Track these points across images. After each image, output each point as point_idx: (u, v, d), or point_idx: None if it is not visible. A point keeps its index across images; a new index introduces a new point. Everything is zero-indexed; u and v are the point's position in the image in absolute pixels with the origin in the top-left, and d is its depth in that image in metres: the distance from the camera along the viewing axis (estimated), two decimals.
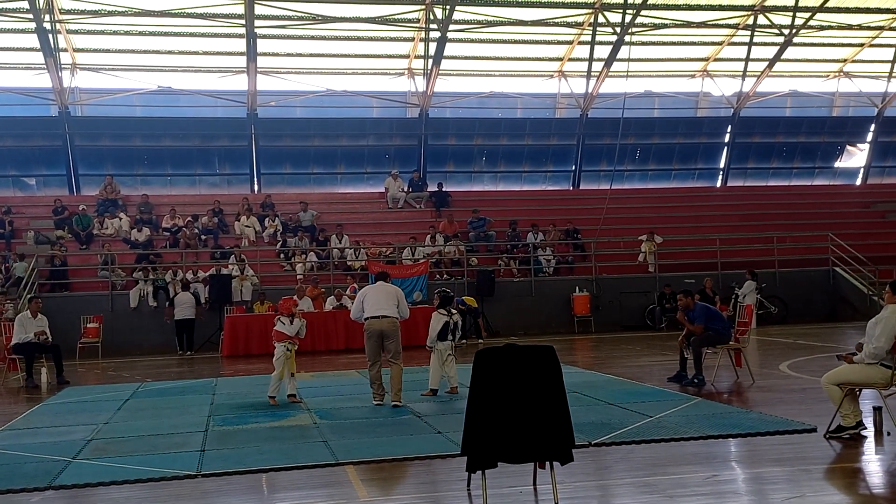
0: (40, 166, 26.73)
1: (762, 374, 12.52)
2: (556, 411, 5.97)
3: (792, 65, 29.51)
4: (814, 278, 23.66)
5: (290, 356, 11.11)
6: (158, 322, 20.43)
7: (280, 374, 11.07)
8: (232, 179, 27.32)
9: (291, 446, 8.35)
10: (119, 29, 24.32)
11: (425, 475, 7.29)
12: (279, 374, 11.07)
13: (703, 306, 12.34)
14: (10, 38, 24.20)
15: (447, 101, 28.42)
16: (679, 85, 30.19)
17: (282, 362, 11.05)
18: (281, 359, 11.05)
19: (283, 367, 11.06)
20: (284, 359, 11.05)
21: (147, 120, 26.67)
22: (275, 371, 11.10)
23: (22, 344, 14.59)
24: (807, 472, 6.90)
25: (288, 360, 11.10)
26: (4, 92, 25.86)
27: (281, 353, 11.07)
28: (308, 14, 24.10)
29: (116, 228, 23.52)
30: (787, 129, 30.92)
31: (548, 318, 22.26)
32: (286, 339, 11.13)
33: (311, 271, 22.29)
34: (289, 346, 11.10)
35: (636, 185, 30.25)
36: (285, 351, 11.07)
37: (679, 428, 8.54)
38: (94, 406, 11.59)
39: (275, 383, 11.08)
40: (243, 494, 6.84)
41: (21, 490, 6.95)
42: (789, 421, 8.69)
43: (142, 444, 8.76)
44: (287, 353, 11.07)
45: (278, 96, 27.34)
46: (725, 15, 26.27)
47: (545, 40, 27.02)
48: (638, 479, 6.82)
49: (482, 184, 29.65)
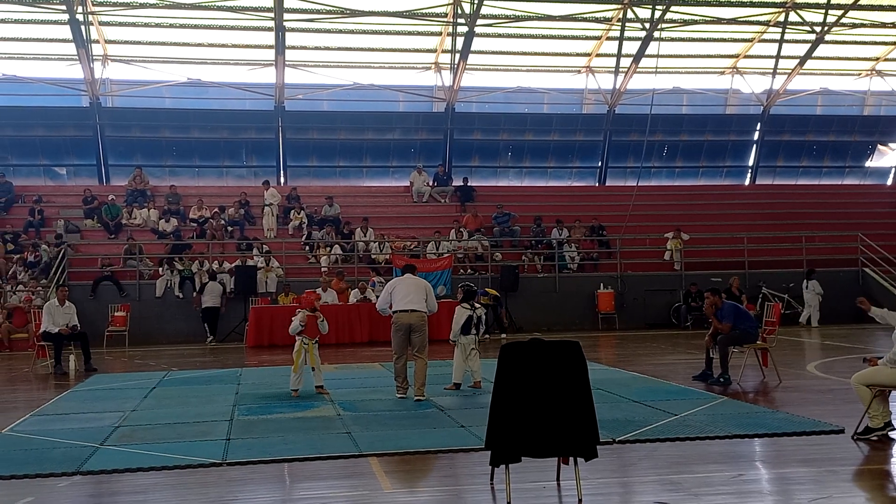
0: (71, 156, 27.05)
1: (789, 374, 12.40)
2: (581, 407, 5.95)
3: (823, 62, 29.11)
4: (843, 279, 23.37)
5: (308, 349, 11.10)
6: (184, 311, 20.65)
7: (295, 367, 11.09)
8: (259, 172, 27.46)
9: (315, 437, 8.39)
10: (150, 21, 24.50)
11: (448, 468, 7.31)
12: (295, 367, 11.09)
13: (732, 305, 12.26)
14: (44, 29, 24.47)
15: (473, 95, 28.38)
16: (708, 82, 29.95)
17: (298, 355, 11.08)
18: (299, 352, 11.09)
19: (299, 361, 11.07)
20: (303, 352, 11.06)
21: (176, 112, 26.87)
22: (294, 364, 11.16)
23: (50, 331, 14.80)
24: (834, 473, 6.83)
25: (307, 354, 11.09)
26: (37, 82, 26.17)
27: (298, 347, 11.11)
28: (336, 8, 24.15)
29: (144, 219, 23.76)
30: (818, 127, 30.55)
31: (571, 314, 22.17)
32: (303, 333, 11.16)
33: (336, 264, 22.37)
34: (305, 340, 11.11)
35: (663, 182, 30.06)
36: (301, 344, 11.09)
37: (704, 427, 8.49)
38: (122, 393, 11.72)
39: (294, 377, 11.10)
40: (268, 483, 6.88)
41: (50, 475, 7.05)
42: (816, 422, 8.61)
43: (168, 431, 8.85)
44: (305, 346, 11.08)
45: (306, 89, 27.44)
46: (756, 11, 25.99)
47: (573, 35, 26.86)
48: (662, 477, 6.78)
49: (507, 179, 29.59)
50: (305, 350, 11.10)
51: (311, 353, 11.14)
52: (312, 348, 11.17)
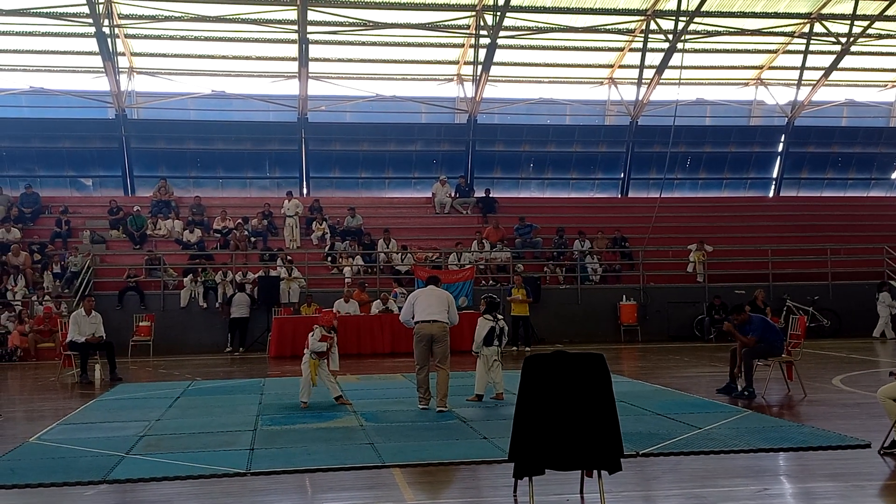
0: (97, 167, 27.37)
1: (814, 387, 12.28)
2: (604, 420, 5.93)
3: (848, 74, 28.92)
4: (868, 292, 23.06)
5: (317, 363, 11.01)
6: (207, 321, 20.80)
7: (306, 380, 11.04)
8: (282, 183, 27.64)
9: (338, 447, 8.41)
10: (175, 34, 24.81)
11: (471, 480, 7.31)
12: (306, 380, 11.05)
13: (760, 318, 12.14)
14: (71, 42, 24.86)
15: (495, 107, 28.43)
16: (732, 93, 29.83)
17: (306, 369, 11.04)
18: (306, 365, 11.04)
19: (309, 375, 11.01)
20: (310, 367, 10.98)
21: (200, 123, 27.12)
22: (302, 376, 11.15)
23: (76, 341, 14.95)
24: (860, 488, 6.76)
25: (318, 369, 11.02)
26: (64, 95, 26.56)
27: (305, 360, 11.09)
28: (359, 20, 24.31)
29: (169, 229, 23.97)
30: (843, 139, 30.30)
31: (594, 326, 22.07)
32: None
33: (358, 275, 22.45)
34: (312, 356, 11.01)
35: (686, 193, 29.93)
36: (310, 359, 11.03)
37: (729, 440, 8.43)
38: (146, 403, 11.81)
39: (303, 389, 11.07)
40: (291, 493, 6.92)
41: (76, 483, 7.13)
42: (842, 436, 8.53)
43: (192, 441, 8.91)
44: (314, 360, 11.01)
45: (328, 101, 27.63)
46: (781, 23, 25.87)
47: (596, 47, 26.88)
48: (686, 491, 6.74)
49: (529, 190, 29.59)
50: (316, 365, 11.01)
51: (314, 371, 11.00)
52: (318, 365, 11.04)
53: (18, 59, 25.49)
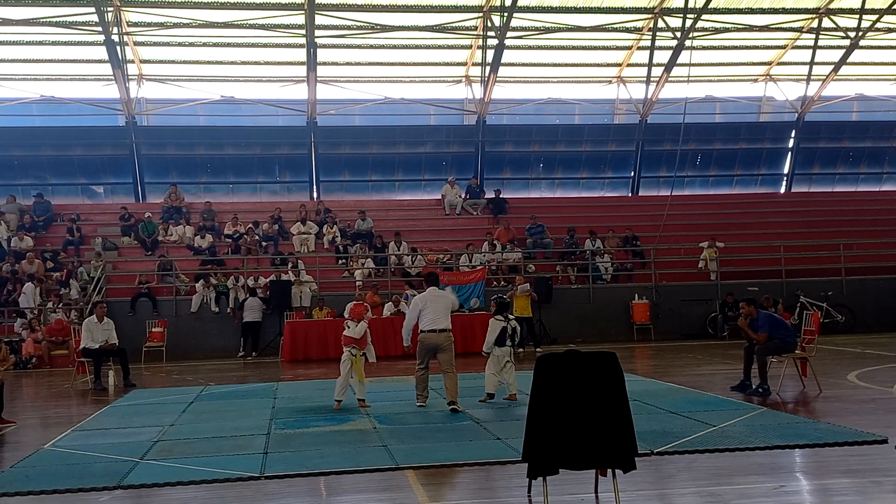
0: (108, 175, 27.51)
1: (829, 383, 12.20)
2: (618, 419, 5.90)
3: (858, 68, 28.78)
4: (882, 287, 22.98)
5: (355, 360, 11.13)
6: (219, 326, 20.86)
7: (344, 378, 11.15)
8: (292, 187, 27.72)
9: (352, 450, 8.41)
10: (184, 41, 24.92)
11: (485, 481, 7.29)
12: (343, 378, 11.16)
13: (767, 314, 12.09)
14: (80, 50, 24.99)
15: (504, 107, 28.41)
16: (741, 89, 29.73)
17: (347, 366, 11.13)
18: (346, 363, 11.14)
19: (349, 372, 11.12)
20: (350, 363, 11.12)
21: (210, 129, 27.23)
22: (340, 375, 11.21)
23: (90, 348, 15.01)
24: (878, 483, 6.71)
25: (353, 366, 11.11)
26: (74, 103, 26.71)
27: (346, 357, 11.16)
28: (367, 23, 24.35)
29: (180, 235, 24.05)
30: (854, 133, 30.16)
31: (606, 325, 22.02)
32: (352, 342, 11.21)
33: (370, 278, 22.45)
34: (353, 351, 11.16)
35: (697, 191, 29.82)
36: (350, 356, 11.13)
37: (744, 438, 8.38)
38: (160, 408, 11.85)
39: (339, 387, 11.16)
40: (305, 497, 6.91)
41: (91, 489, 7.14)
42: (859, 432, 8.46)
43: (206, 445, 8.93)
44: (352, 357, 11.12)
45: (337, 105, 27.67)
46: (789, 18, 25.77)
47: (604, 46, 26.83)
48: (701, 489, 6.71)
49: (539, 190, 29.55)
50: (353, 360, 11.11)
51: (358, 365, 11.14)
52: (359, 360, 11.17)
53: (29, 68, 25.67)
